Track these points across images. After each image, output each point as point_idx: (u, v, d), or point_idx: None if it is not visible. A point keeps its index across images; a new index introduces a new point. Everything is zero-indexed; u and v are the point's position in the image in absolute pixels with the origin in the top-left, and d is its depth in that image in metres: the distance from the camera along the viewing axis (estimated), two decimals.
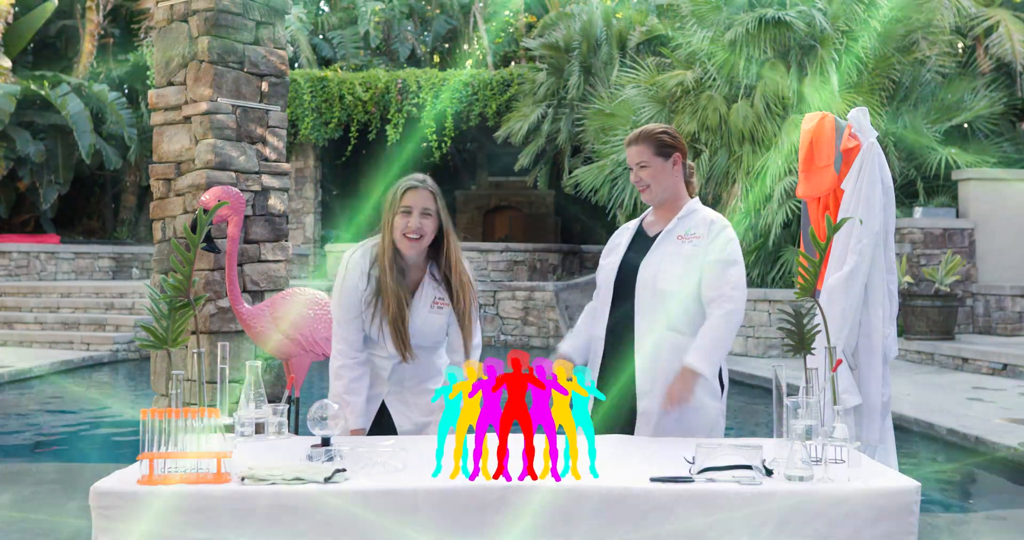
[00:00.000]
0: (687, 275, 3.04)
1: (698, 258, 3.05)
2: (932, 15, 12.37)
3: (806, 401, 2.37)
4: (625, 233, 3.29)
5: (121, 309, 13.16)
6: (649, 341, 3.04)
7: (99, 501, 2.16)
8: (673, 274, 3.04)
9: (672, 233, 3.12)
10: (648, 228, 3.23)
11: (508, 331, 14.34)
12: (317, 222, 17.86)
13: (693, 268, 3.04)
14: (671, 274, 3.04)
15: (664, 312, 3.03)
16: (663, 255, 3.08)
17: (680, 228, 3.12)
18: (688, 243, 3.07)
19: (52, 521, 4.40)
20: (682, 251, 3.06)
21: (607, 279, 3.18)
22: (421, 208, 3.01)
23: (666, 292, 3.03)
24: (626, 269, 3.14)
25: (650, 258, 3.09)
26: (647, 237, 3.19)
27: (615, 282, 3.15)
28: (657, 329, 3.03)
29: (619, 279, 3.14)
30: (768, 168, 11.92)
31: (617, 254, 3.22)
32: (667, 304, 3.03)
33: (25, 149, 16.69)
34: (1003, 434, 6.47)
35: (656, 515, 2.16)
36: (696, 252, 3.05)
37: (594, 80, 15.48)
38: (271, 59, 4.72)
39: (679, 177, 3.18)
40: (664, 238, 3.12)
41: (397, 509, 2.16)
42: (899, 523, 2.18)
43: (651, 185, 3.14)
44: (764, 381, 9.53)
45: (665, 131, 3.17)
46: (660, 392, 3.01)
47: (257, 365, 2.74)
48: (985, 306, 11.61)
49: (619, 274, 3.15)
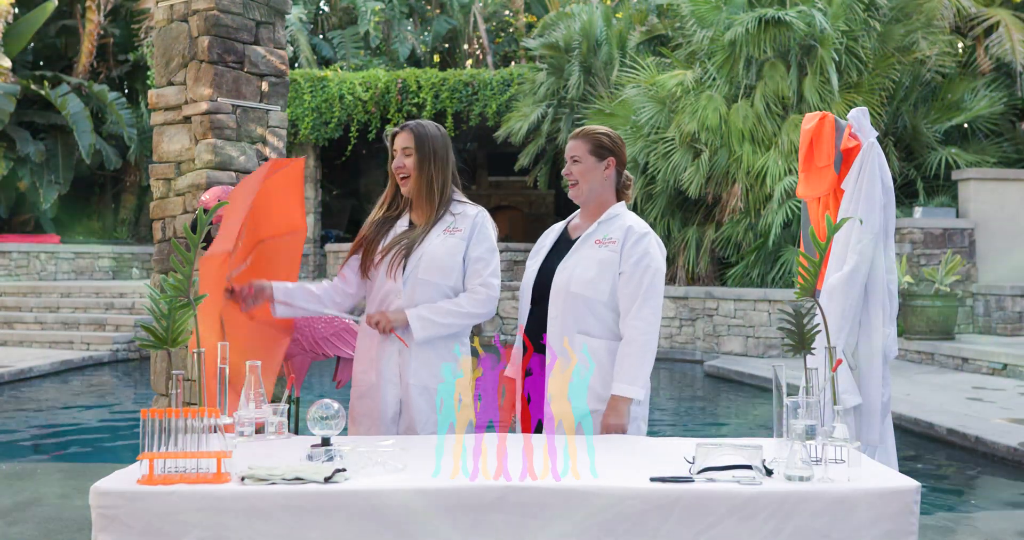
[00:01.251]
0: (600, 280, 3.03)
1: (612, 263, 3.04)
2: (932, 15, 12.38)
3: (806, 401, 2.37)
4: (550, 235, 3.30)
5: (121, 309, 13.16)
6: (559, 345, 3.01)
7: (99, 501, 2.16)
8: (585, 278, 3.04)
9: (591, 237, 3.11)
10: (572, 231, 3.24)
11: (508, 331, 14.34)
12: (317, 222, 17.86)
13: (606, 273, 3.04)
14: (583, 278, 3.04)
15: (574, 316, 3.04)
16: (578, 259, 3.08)
17: (599, 232, 3.12)
18: (604, 248, 3.07)
19: (52, 521, 4.40)
20: (597, 255, 3.06)
21: (527, 282, 3.20)
22: (402, 148, 3.21)
23: (578, 296, 3.03)
24: (544, 273, 3.15)
25: (566, 262, 3.10)
26: (569, 240, 3.20)
27: (534, 285, 3.17)
28: (568, 333, 3.03)
29: (538, 282, 3.16)
30: (768, 168, 11.92)
31: (539, 257, 3.23)
32: (578, 308, 3.04)
33: (25, 149, 16.69)
34: (1003, 434, 6.47)
35: (656, 515, 2.16)
36: (611, 257, 3.05)
37: (594, 80, 15.48)
38: (271, 59, 4.72)
39: (609, 182, 3.17)
40: (583, 242, 3.12)
41: (397, 509, 2.16)
42: (899, 523, 2.18)
43: (579, 182, 3.14)
44: (764, 381, 9.53)
45: (606, 134, 3.17)
46: None
47: (257, 365, 2.74)
48: (985, 306, 11.61)
49: (538, 277, 3.16)
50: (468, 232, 3.18)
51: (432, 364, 3.13)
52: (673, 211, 13.15)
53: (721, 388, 10.00)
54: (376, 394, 3.16)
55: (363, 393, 3.19)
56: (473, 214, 3.23)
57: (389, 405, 3.15)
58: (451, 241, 3.16)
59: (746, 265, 12.55)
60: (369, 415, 3.18)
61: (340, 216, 20.58)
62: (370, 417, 3.17)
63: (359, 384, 3.22)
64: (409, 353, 3.13)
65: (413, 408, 3.13)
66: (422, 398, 3.14)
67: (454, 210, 3.23)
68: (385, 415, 3.16)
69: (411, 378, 3.13)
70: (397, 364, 3.14)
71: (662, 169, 12.89)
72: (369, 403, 3.17)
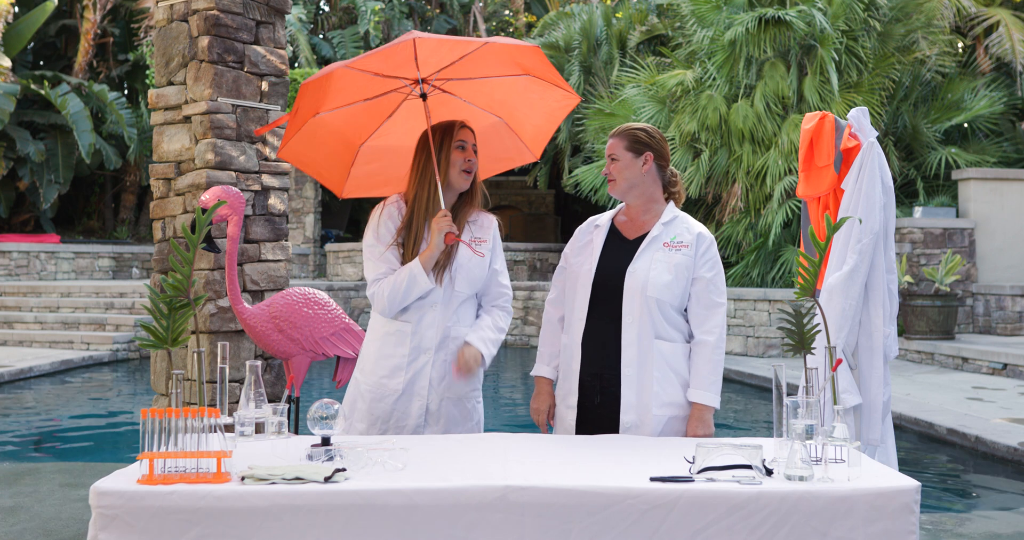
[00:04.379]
0: (676, 284, 3.00)
1: (686, 267, 3.01)
2: (932, 15, 12.38)
3: (806, 401, 2.37)
4: (597, 233, 3.19)
5: (121, 309, 13.16)
6: (636, 350, 2.98)
7: (99, 501, 2.16)
8: (662, 282, 2.99)
9: (658, 239, 3.06)
10: (624, 230, 3.16)
11: (508, 331, 14.34)
12: (317, 222, 17.86)
13: (681, 277, 3.01)
14: (660, 282, 2.98)
15: (652, 321, 2.99)
16: (651, 262, 3.02)
17: (666, 235, 3.07)
18: (677, 252, 3.03)
19: (52, 521, 4.40)
20: (671, 259, 3.02)
21: (584, 283, 3.09)
22: (472, 143, 3.17)
23: (655, 300, 2.98)
24: (607, 273, 3.06)
25: (636, 264, 3.03)
26: (625, 240, 3.12)
27: (593, 286, 3.07)
28: (646, 337, 2.98)
29: (598, 283, 3.07)
30: (768, 168, 11.93)
31: (591, 255, 3.13)
32: (654, 313, 2.99)
33: (25, 149, 16.69)
34: (1003, 434, 6.47)
35: (656, 515, 2.17)
36: (685, 262, 3.02)
37: (594, 80, 15.49)
38: (271, 59, 4.72)
39: (651, 176, 3.11)
40: (650, 244, 3.05)
41: (397, 509, 2.16)
42: (899, 522, 2.18)
43: (616, 178, 3.10)
44: (764, 381, 9.54)
45: (644, 129, 3.13)
46: (647, 404, 2.97)
47: (257, 365, 2.74)
48: (985, 306, 11.61)
49: (597, 278, 3.07)
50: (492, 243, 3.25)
51: None
52: None
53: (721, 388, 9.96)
54: (397, 402, 3.12)
55: (381, 397, 3.13)
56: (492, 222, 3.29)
57: (412, 416, 3.12)
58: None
59: (746, 265, 12.56)
60: (383, 419, 3.14)
61: (340, 216, 20.57)
62: (384, 422, 3.14)
63: (378, 387, 3.15)
64: (445, 367, 3.12)
65: (446, 417, 3.13)
66: (456, 408, 3.15)
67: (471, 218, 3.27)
68: (406, 423, 3.12)
69: (446, 392, 3.13)
70: (429, 377, 3.12)
71: None
72: (385, 408, 3.13)
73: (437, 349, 3.11)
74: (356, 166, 3.50)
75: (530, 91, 3.34)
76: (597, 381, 3.04)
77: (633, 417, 2.98)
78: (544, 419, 3.18)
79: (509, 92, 3.38)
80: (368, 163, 3.51)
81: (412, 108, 3.39)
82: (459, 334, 3.14)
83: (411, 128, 3.39)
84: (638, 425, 2.97)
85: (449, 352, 3.12)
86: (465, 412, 3.18)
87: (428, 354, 3.11)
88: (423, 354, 3.11)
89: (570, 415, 3.08)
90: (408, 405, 3.11)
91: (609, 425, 3.01)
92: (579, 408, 3.07)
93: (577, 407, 3.07)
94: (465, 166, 3.14)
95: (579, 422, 3.07)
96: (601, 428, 3.00)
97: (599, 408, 3.04)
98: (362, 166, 3.51)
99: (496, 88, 3.37)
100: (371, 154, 3.50)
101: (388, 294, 3.06)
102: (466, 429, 3.17)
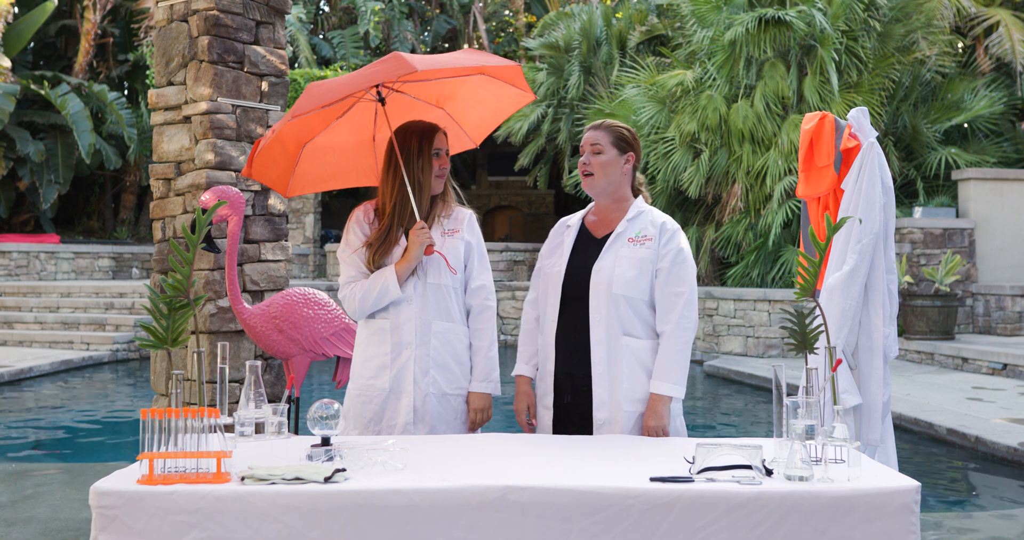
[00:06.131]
0: (641, 279, 2.99)
1: (651, 261, 3.01)
2: (932, 15, 12.38)
3: (806, 401, 2.37)
4: (567, 233, 3.20)
5: (121, 309, 13.16)
6: (605, 348, 2.97)
7: (99, 501, 2.16)
8: (626, 278, 2.98)
9: (623, 236, 3.06)
10: (593, 229, 3.16)
11: (508, 331, 14.33)
12: (317, 222, 17.87)
13: (646, 271, 3.00)
14: (624, 278, 2.98)
15: (619, 318, 2.98)
16: (616, 259, 3.01)
17: (630, 230, 3.06)
18: (641, 246, 3.02)
19: (52, 521, 4.40)
20: (635, 254, 3.01)
21: (554, 284, 3.10)
22: (446, 149, 3.22)
23: (621, 297, 2.97)
24: (575, 273, 3.07)
25: (602, 262, 3.02)
26: (593, 238, 3.13)
27: (563, 286, 3.08)
28: (614, 335, 2.98)
29: (567, 283, 3.07)
30: (768, 168, 11.93)
31: (561, 256, 3.14)
32: (622, 309, 2.98)
33: (25, 149, 16.69)
34: (1003, 434, 6.47)
35: (656, 515, 2.16)
36: (649, 255, 3.01)
37: (594, 80, 15.49)
38: (271, 59, 4.72)
39: (626, 177, 3.12)
40: (615, 240, 3.05)
41: (397, 509, 2.16)
42: (899, 523, 2.18)
43: (596, 173, 3.08)
44: (764, 381, 9.53)
45: (627, 129, 3.15)
46: (618, 401, 2.96)
47: (257, 365, 2.74)
48: (985, 306, 11.61)
49: (567, 278, 3.07)
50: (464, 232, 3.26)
51: (450, 370, 3.15)
52: (673, 211, 13.15)
53: (721, 388, 9.99)
54: (386, 401, 3.13)
55: (370, 398, 3.15)
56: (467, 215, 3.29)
57: (401, 413, 3.12)
58: (450, 243, 3.20)
59: (746, 265, 12.56)
60: (375, 420, 3.14)
61: (340, 216, 20.58)
62: (376, 423, 3.15)
63: (365, 389, 3.17)
64: (427, 361, 3.13)
65: (432, 414, 3.13)
66: (441, 405, 3.14)
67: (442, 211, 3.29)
68: (396, 422, 3.12)
69: (430, 387, 3.13)
70: (413, 372, 3.13)
71: (662, 169, 12.90)
72: (375, 408, 3.14)
73: (418, 344, 3.13)
74: (300, 164, 3.51)
75: (481, 88, 3.42)
76: (570, 380, 3.05)
77: (605, 414, 2.98)
78: (524, 419, 3.18)
79: (459, 88, 3.45)
80: (313, 161, 3.53)
81: (363, 108, 3.43)
82: (440, 329, 3.15)
83: (355, 124, 3.45)
84: (610, 422, 2.97)
85: (430, 347, 3.13)
86: (451, 409, 3.17)
87: (410, 349, 3.12)
88: (405, 349, 3.13)
89: (547, 416, 3.09)
90: (397, 403, 3.12)
91: (583, 423, 3.01)
92: (554, 408, 3.08)
93: (552, 407, 3.08)
94: (440, 173, 3.20)
95: (555, 421, 3.08)
96: (575, 427, 3.01)
97: (571, 407, 3.04)
98: (306, 164, 3.52)
99: (446, 85, 3.43)
100: (316, 153, 3.52)
101: (360, 298, 3.13)
102: (454, 428, 3.17)
